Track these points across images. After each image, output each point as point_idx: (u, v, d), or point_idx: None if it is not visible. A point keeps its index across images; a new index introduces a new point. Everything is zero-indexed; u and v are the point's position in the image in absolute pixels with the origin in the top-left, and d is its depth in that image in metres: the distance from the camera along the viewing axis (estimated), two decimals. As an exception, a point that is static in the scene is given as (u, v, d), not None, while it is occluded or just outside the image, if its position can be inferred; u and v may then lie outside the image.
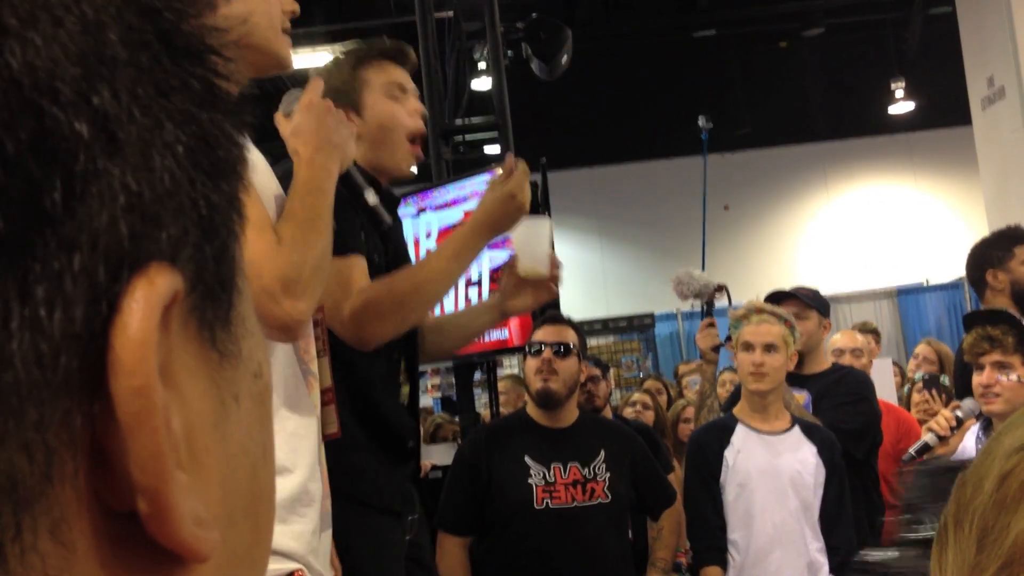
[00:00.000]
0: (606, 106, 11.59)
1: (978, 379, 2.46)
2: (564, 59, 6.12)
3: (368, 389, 1.98)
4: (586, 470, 2.87)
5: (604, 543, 2.86)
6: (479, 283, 3.14)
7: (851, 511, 2.79)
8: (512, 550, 2.79)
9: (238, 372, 0.31)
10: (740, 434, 2.81)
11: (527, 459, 2.83)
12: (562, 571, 2.77)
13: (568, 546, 2.79)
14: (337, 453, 1.81)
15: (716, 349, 3.47)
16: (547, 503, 2.82)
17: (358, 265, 1.88)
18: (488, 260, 4.77)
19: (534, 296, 2.23)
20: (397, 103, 2.07)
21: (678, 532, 3.36)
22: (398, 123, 2.06)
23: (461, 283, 3.04)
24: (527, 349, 2.98)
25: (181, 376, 0.27)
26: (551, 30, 5.99)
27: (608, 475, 2.89)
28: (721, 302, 3.62)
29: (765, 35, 11.85)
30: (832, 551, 2.74)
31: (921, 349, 4.71)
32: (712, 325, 3.49)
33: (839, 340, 4.26)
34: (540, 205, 4.65)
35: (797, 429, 2.81)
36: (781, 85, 12.05)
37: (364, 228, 1.93)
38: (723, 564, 2.76)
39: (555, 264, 2.22)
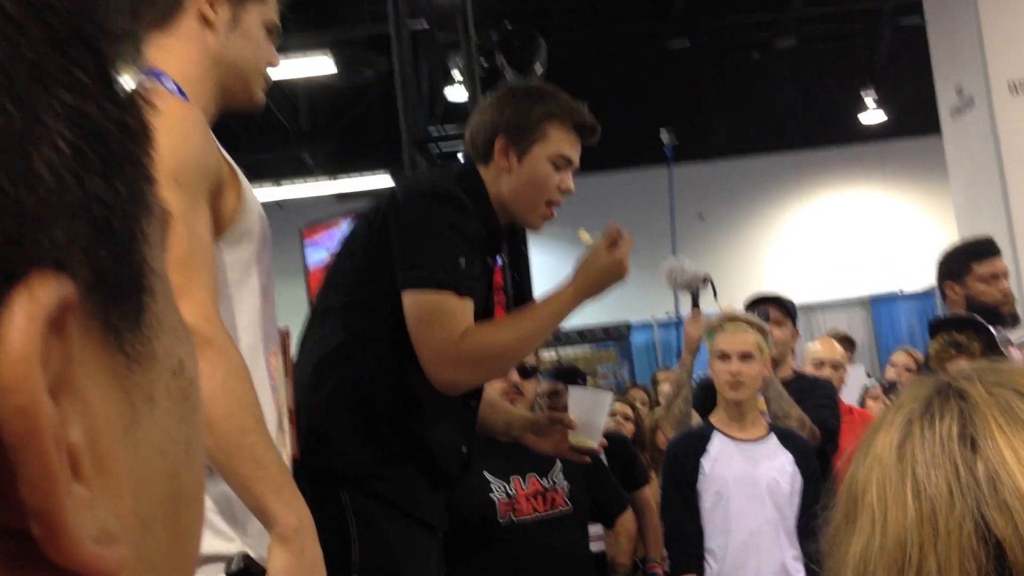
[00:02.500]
0: (580, 116, 11.60)
1: None
2: (538, 69, 6.13)
3: (423, 421, 1.93)
4: (545, 480, 2.86)
5: (568, 552, 2.86)
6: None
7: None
8: (478, 566, 2.77)
9: (152, 373, 0.29)
10: (717, 443, 2.81)
11: (486, 474, 2.80)
12: None
13: (534, 558, 2.77)
14: (383, 464, 1.85)
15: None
16: (511, 517, 2.80)
17: (470, 310, 1.87)
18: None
19: (557, 449, 2.24)
20: (557, 172, 2.03)
21: (636, 536, 3.39)
22: (546, 190, 2.03)
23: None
24: None
25: (84, 383, 0.26)
26: (525, 40, 6.01)
27: (567, 484, 2.89)
28: (706, 294, 3.57)
29: (738, 45, 11.95)
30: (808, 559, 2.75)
31: (900, 358, 4.73)
32: (699, 316, 3.43)
33: (819, 351, 4.06)
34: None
35: (774, 437, 2.82)
36: (754, 95, 12.14)
37: (479, 276, 1.93)
38: (700, 572, 2.76)
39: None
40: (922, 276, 10.25)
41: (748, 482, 2.73)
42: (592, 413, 2.19)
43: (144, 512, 0.28)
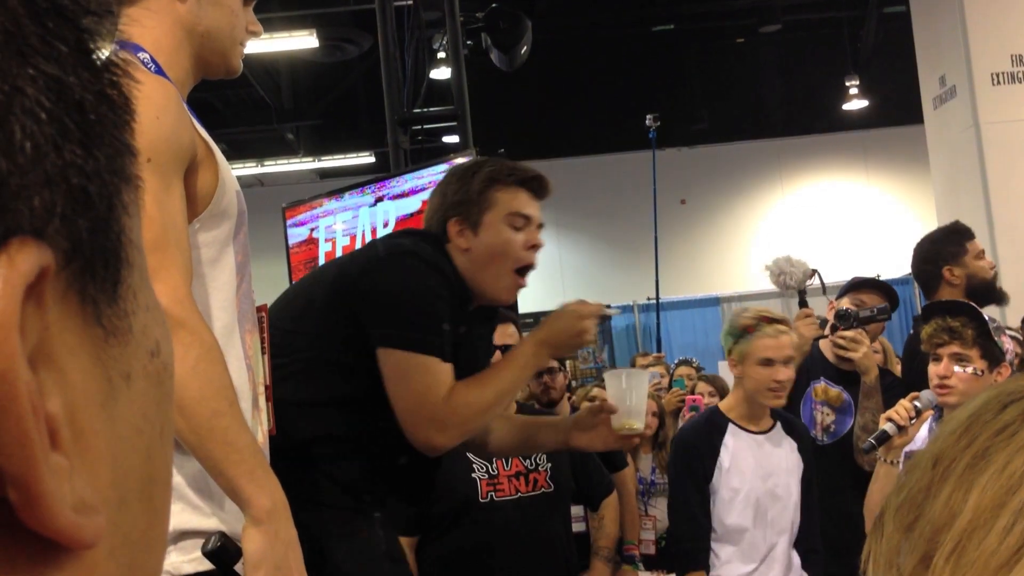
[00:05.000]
0: (564, 98, 11.60)
1: (935, 369, 2.45)
2: (523, 50, 6.11)
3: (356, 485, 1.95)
4: (527, 461, 2.87)
5: (549, 532, 2.87)
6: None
7: (817, 506, 2.81)
8: (459, 546, 2.78)
9: (128, 349, 0.29)
10: (732, 436, 2.77)
11: (469, 454, 2.81)
12: (509, 562, 2.76)
13: (514, 537, 2.78)
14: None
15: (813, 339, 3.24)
16: (491, 496, 2.81)
17: (451, 374, 1.88)
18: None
19: (605, 441, 2.15)
20: (518, 233, 2.01)
21: (619, 520, 3.41)
22: (510, 254, 2.00)
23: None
24: None
25: (61, 354, 0.26)
26: (511, 20, 5.99)
27: (549, 464, 2.90)
28: (814, 287, 3.35)
29: (723, 31, 11.94)
30: (799, 545, 2.76)
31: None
32: (810, 315, 3.29)
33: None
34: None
35: (779, 425, 2.81)
36: (738, 81, 12.15)
37: (455, 337, 1.93)
38: (706, 568, 2.75)
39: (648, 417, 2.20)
40: (900, 263, 10.33)
41: (762, 475, 2.72)
42: (631, 393, 2.11)
43: (121, 487, 0.28)
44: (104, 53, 0.28)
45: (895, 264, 10.95)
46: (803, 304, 3.35)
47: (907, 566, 0.50)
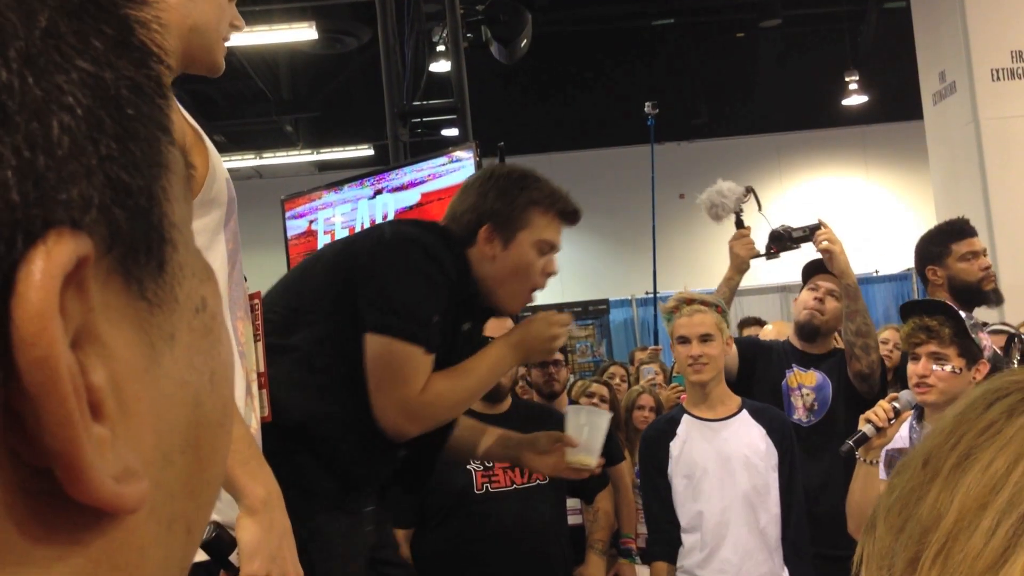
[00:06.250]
0: (564, 92, 11.59)
1: (913, 368, 2.48)
2: (523, 43, 6.10)
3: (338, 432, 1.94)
4: None
5: (544, 524, 2.89)
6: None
7: (801, 495, 2.81)
8: (454, 537, 2.79)
9: (174, 315, 0.31)
10: (685, 424, 2.82)
11: None
12: (504, 554, 2.77)
13: (509, 528, 2.80)
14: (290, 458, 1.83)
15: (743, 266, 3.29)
16: (487, 488, 2.83)
17: (425, 362, 1.90)
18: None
19: (555, 468, 2.28)
20: (541, 257, 2.07)
21: (613, 513, 3.42)
22: (531, 277, 2.06)
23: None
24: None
25: (106, 330, 0.27)
26: (511, 14, 5.97)
27: None
28: (750, 207, 3.34)
29: (723, 25, 11.93)
30: (783, 537, 2.77)
31: (889, 335, 4.70)
32: (746, 235, 3.30)
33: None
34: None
35: (745, 413, 2.83)
36: (737, 75, 12.15)
37: (442, 329, 1.94)
38: (671, 559, 2.77)
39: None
40: (899, 258, 10.33)
41: (717, 461, 2.74)
42: (592, 433, 2.24)
43: (165, 445, 0.30)
44: (144, 41, 0.30)
45: (893, 260, 10.96)
46: (740, 225, 3.37)
47: (897, 568, 0.49)
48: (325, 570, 1.84)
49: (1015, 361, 3.43)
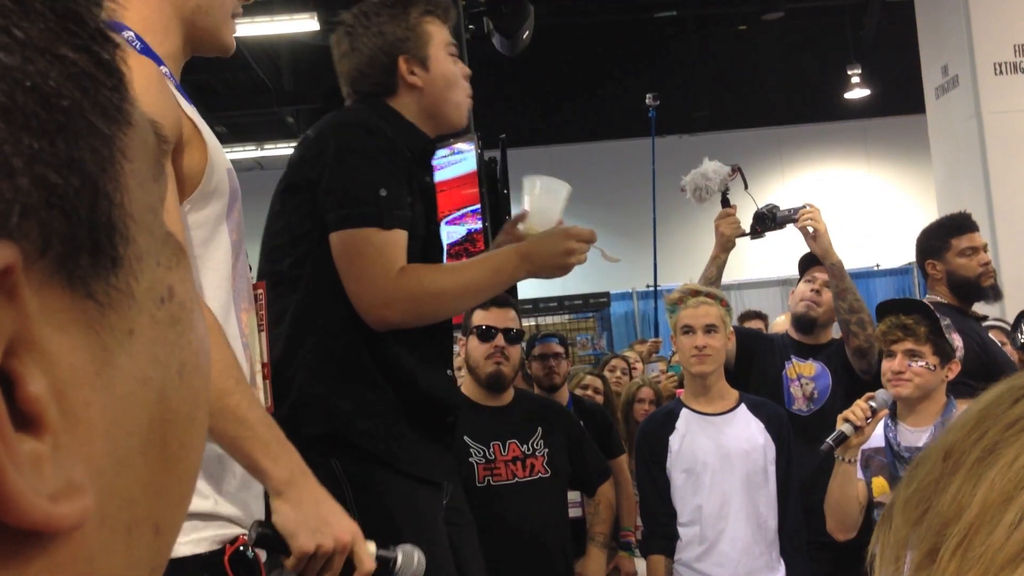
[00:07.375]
0: (566, 84, 11.57)
1: (888, 365, 2.53)
2: (526, 35, 6.08)
3: (406, 362, 1.88)
4: (525, 446, 2.89)
5: (545, 517, 2.89)
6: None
7: (797, 489, 2.82)
8: None
9: (131, 310, 0.29)
10: (684, 418, 2.82)
11: (466, 439, 2.83)
12: (505, 547, 2.77)
13: (511, 522, 2.80)
14: (376, 421, 1.82)
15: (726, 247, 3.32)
16: (488, 481, 2.83)
17: (400, 242, 1.82)
18: (446, 235, 4.75)
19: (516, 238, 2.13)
20: (456, 63, 2.03)
21: (615, 507, 3.42)
22: (460, 83, 2.02)
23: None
24: (473, 331, 2.95)
25: (46, 337, 0.26)
26: (513, 6, 5.95)
27: (547, 450, 2.92)
28: (736, 186, 3.44)
29: (725, 18, 11.90)
30: (780, 530, 2.77)
31: None
32: (731, 213, 3.31)
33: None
34: (499, 182, 4.63)
35: (744, 407, 2.83)
36: (739, 69, 12.11)
37: (413, 202, 1.88)
38: (669, 552, 2.78)
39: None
40: (900, 252, 10.32)
41: (716, 455, 2.74)
42: (548, 202, 2.11)
43: (120, 449, 0.28)
44: (89, 21, 0.28)
45: (895, 254, 10.95)
46: (725, 204, 3.40)
47: (914, 559, 0.49)
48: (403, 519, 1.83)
49: (1020, 336, 3.47)
